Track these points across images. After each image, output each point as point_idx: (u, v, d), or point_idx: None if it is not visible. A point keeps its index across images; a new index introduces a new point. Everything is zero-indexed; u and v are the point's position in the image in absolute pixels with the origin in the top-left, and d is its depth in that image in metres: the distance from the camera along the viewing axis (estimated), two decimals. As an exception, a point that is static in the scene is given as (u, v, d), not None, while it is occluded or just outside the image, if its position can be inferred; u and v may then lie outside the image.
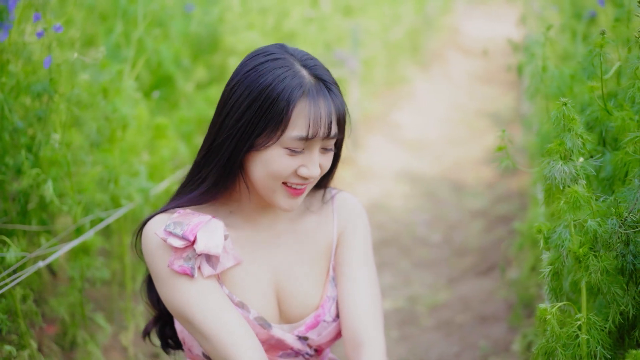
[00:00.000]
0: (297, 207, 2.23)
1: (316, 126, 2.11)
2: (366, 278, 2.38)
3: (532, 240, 3.89)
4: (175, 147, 3.84)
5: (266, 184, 2.16)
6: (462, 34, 17.16)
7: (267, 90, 2.10)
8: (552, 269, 2.29)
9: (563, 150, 2.28)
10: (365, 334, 2.29)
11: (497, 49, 15.11)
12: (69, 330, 3.39)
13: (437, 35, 14.77)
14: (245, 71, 2.16)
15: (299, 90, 2.11)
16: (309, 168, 2.15)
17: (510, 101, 10.46)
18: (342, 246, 2.41)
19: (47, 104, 3.15)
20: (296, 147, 2.12)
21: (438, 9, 14.99)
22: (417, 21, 12.63)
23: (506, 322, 4.27)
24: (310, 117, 2.10)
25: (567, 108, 2.28)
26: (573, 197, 2.22)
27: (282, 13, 6.06)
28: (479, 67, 13.31)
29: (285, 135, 2.10)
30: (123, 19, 4.29)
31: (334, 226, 2.42)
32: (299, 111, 2.10)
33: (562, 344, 2.20)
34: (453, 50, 14.85)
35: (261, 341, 2.26)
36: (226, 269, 2.21)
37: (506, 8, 21.13)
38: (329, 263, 2.41)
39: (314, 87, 2.14)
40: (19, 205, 3.16)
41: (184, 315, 2.14)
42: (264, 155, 2.13)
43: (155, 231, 2.16)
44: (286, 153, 2.12)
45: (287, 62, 2.15)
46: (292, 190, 2.18)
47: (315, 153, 2.16)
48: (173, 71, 4.48)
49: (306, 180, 2.18)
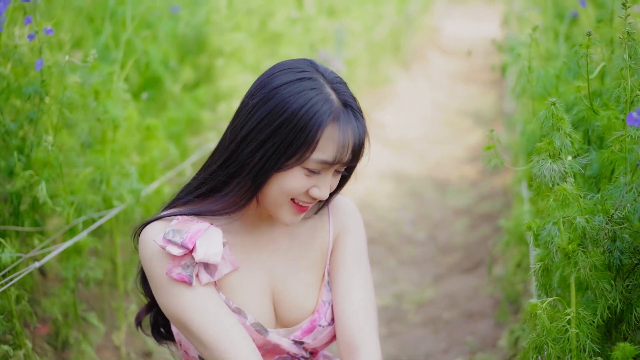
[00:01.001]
0: (297, 222, 2.24)
1: (342, 152, 2.12)
2: (361, 281, 2.39)
3: (518, 237, 3.95)
4: (165, 148, 3.86)
5: (276, 199, 2.17)
6: (442, 33, 17.25)
7: (299, 112, 2.09)
8: (542, 265, 2.34)
9: (552, 148, 2.32)
10: (360, 338, 2.29)
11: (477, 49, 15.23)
12: (61, 330, 3.41)
13: (418, 35, 14.83)
14: (275, 86, 2.14)
15: (329, 115, 2.10)
16: (321, 190, 2.16)
17: (491, 100, 10.53)
18: (336, 249, 2.42)
19: (39, 106, 3.16)
20: (316, 169, 2.13)
21: (418, 9, 15.05)
22: (399, 21, 12.68)
23: (492, 318, 4.32)
24: (338, 143, 2.11)
25: (556, 108, 2.33)
26: (562, 194, 2.27)
27: (268, 14, 6.08)
28: (459, 67, 13.39)
29: (311, 158, 2.11)
30: (111, 21, 4.30)
31: (329, 230, 2.43)
32: (327, 136, 2.11)
33: (552, 338, 2.25)
34: (433, 50, 14.94)
35: (257, 347, 2.27)
36: (223, 275, 2.22)
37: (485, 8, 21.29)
38: (324, 267, 2.42)
39: (343, 113, 2.14)
40: (12, 206, 3.17)
41: (182, 322, 2.15)
42: (283, 174, 2.14)
43: (154, 239, 2.15)
44: (304, 173, 2.13)
45: (318, 84, 2.14)
46: (298, 207, 2.19)
47: (329, 176, 2.17)
48: (161, 72, 4.50)
49: (314, 200, 2.20)
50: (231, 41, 5.10)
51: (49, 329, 3.45)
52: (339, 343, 2.32)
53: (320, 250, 2.41)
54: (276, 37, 6.10)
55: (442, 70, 13.04)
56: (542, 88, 3.18)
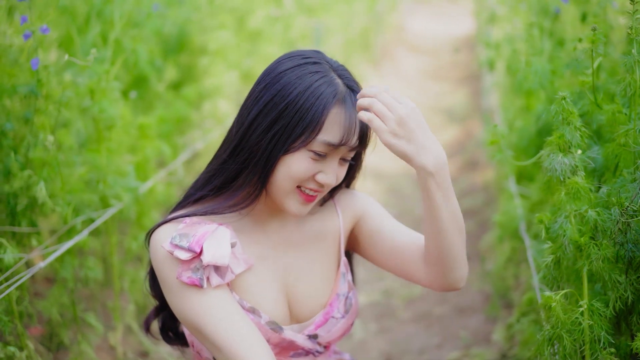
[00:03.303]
0: (305, 213, 2.24)
1: (348, 135, 2.14)
2: (396, 223, 2.42)
3: (510, 232, 3.97)
4: (158, 146, 3.84)
5: (282, 185, 2.17)
6: (408, 31, 17.33)
7: (304, 94, 2.12)
8: (554, 258, 2.36)
9: (562, 142, 2.35)
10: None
11: (443, 46, 15.33)
12: (59, 331, 3.38)
13: (386, 33, 14.89)
14: (281, 70, 2.17)
15: (334, 97, 2.13)
16: (327, 175, 2.17)
17: (463, 97, 10.59)
18: (364, 226, 2.43)
19: (35, 106, 3.14)
20: (322, 151, 2.14)
21: (386, 8, 15.11)
22: (368, 20, 12.73)
23: (483, 313, 4.35)
24: (344, 126, 2.13)
25: (566, 102, 2.35)
26: (574, 188, 2.30)
27: (248, 12, 6.08)
28: (426, 64, 13.46)
29: (316, 139, 2.12)
30: (99, 20, 4.27)
31: (339, 219, 2.44)
32: (332, 117, 2.13)
33: (566, 330, 2.27)
34: (401, 48, 14.99)
35: (273, 345, 2.27)
36: (237, 275, 2.22)
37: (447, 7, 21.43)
38: (338, 258, 2.44)
39: (349, 97, 2.17)
40: (9, 207, 3.14)
41: (195, 326, 2.14)
42: (288, 157, 2.15)
43: (162, 244, 2.15)
44: (310, 156, 2.14)
45: (323, 68, 2.18)
46: (305, 196, 2.19)
47: (336, 161, 2.18)
48: (148, 71, 4.47)
49: (321, 187, 2.20)
50: (216, 39, 5.09)
51: (42, 330, 3.42)
52: (423, 261, 2.29)
53: (332, 241, 2.43)
54: (256, 35, 6.09)
55: (411, 68, 13.09)
56: (537, 83, 3.20)
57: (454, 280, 2.28)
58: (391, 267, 2.40)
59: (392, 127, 2.08)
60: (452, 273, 2.26)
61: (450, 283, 2.28)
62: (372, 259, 2.45)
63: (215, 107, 5.18)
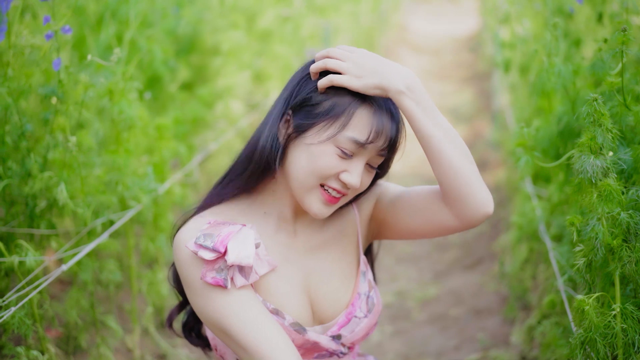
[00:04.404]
0: (326, 215, 2.22)
1: (376, 136, 2.13)
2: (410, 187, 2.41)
3: (529, 233, 3.95)
4: (174, 148, 3.82)
5: (305, 180, 2.16)
6: (410, 31, 17.31)
7: (338, 89, 2.16)
8: (586, 261, 2.34)
9: (594, 144, 2.33)
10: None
11: (445, 46, 15.32)
12: (77, 333, 3.36)
13: (389, 32, 14.88)
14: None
15: (365, 96, 2.15)
16: (352, 175, 2.15)
17: (468, 97, 10.57)
18: (384, 201, 2.41)
19: (54, 107, 3.11)
20: (348, 149, 2.13)
21: (390, 8, 15.11)
22: (373, 19, 12.72)
23: (500, 314, 4.33)
24: (372, 125, 2.13)
25: (598, 103, 2.33)
26: (606, 190, 2.28)
27: (258, 12, 6.06)
28: (429, 64, 13.44)
29: (342, 134, 2.12)
30: (113, 20, 4.25)
31: (355, 216, 2.43)
32: (362, 115, 2.13)
33: (599, 333, 2.25)
34: (403, 48, 14.98)
35: (297, 346, 2.26)
36: (261, 276, 2.20)
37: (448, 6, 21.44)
38: (358, 256, 2.43)
39: (381, 100, 2.17)
40: (28, 209, 3.12)
41: (220, 327, 2.13)
42: (314, 149, 2.14)
43: (186, 244, 2.14)
44: (336, 152, 2.13)
45: None
46: (327, 195, 2.18)
47: (362, 164, 2.17)
48: (162, 72, 4.45)
49: (345, 189, 2.18)
50: (229, 39, 5.07)
51: (59, 333, 3.40)
52: (442, 201, 2.26)
53: (351, 239, 2.42)
54: (266, 35, 6.07)
55: (414, 68, 13.05)
56: (559, 84, 3.17)
57: (480, 205, 2.21)
58: (420, 226, 2.34)
59: (353, 72, 2.13)
60: (473, 198, 2.20)
61: (478, 209, 2.21)
62: (401, 229, 2.40)
63: (228, 107, 5.17)
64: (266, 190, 2.30)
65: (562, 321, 3.05)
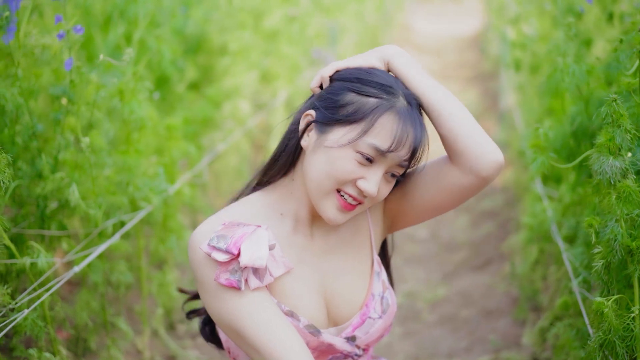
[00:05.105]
0: (341, 222, 2.20)
1: (398, 145, 2.11)
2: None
3: (540, 234, 3.93)
4: (184, 148, 3.80)
5: (321, 183, 2.14)
6: (413, 31, 17.29)
7: (362, 86, 2.16)
8: (604, 263, 2.32)
9: (613, 145, 2.31)
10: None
11: (447, 46, 15.29)
12: (88, 336, 3.35)
13: (392, 32, 14.87)
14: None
15: (390, 104, 2.14)
16: (369, 182, 2.13)
17: (474, 97, 10.53)
18: (393, 193, 2.38)
19: (66, 107, 3.10)
20: (369, 155, 2.11)
21: (394, 7, 15.10)
22: (377, 19, 12.71)
23: (511, 315, 4.31)
24: (395, 133, 2.11)
25: (617, 104, 2.31)
26: (625, 191, 2.26)
27: (265, 12, 6.04)
28: (432, 64, 13.41)
29: (363, 140, 2.10)
30: (122, 19, 4.23)
31: (367, 216, 2.42)
32: (385, 122, 2.11)
33: (619, 336, 2.23)
34: (407, 47, 14.94)
35: (312, 348, 2.25)
36: (275, 278, 2.19)
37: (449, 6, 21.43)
38: (371, 255, 2.41)
39: (406, 110, 2.15)
40: (39, 210, 3.11)
41: (234, 328, 2.12)
42: (333, 152, 2.12)
43: (199, 245, 2.13)
44: (355, 158, 2.11)
45: (391, 80, 2.19)
46: (343, 202, 2.16)
47: (381, 172, 2.15)
48: (171, 72, 4.43)
49: (361, 197, 2.16)
50: (237, 39, 5.05)
51: (68, 334, 3.38)
52: (455, 156, 2.26)
53: (365, 237, 2.41)
54: (273, 35, 6.05)
55: (417, 67, 12.99)
56: (573, 85, 3.14)
57: (488, 152, 2.21)
58: (437, 197, 2.32)
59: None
60: (480, 146, 2.20)
61: (488, 156, 2.21)
62: (420, 209, 2.38)
63: (236, 107, 5.15)
64: (284, 192, 2.29)
65: (576, 323, 3.03)
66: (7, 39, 2.89)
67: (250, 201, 2.30)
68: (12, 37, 2.91)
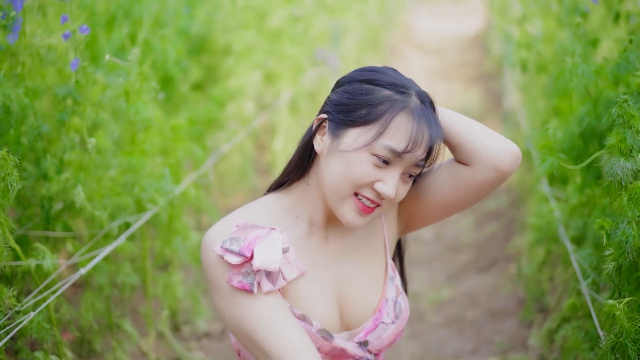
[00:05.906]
0: (360, 225, 2.19)
1: (414, 145, 2.10)
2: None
3: (547, 235, 3.91)
4: (190, 148, 3.78)
5: (338, 188, 2.13)
6: (415, 30, 17.27)
7: (373, 87, 2.15)
8: (615, 265, 2.31)
9: (624, 146, 2.29)
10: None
11: (449, 46, 15.28)
12: (93, 337, 3.33)
13: (394, 32, 14.85)
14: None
15: (403, 104, 2.12)
16: (386, 185, 2.11)
17: (476, 97, 10.51)
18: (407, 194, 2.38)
19: (71, 107, 3.08)
20: (385, 156, 2.09)
21: (395, 7, 15.08)
22: (379, 19, 12.68)
23: (517, 317, 4.29)
24: (409, 134, 2.09)
25: (628, 105, 2.30)
26: (637, 193, 2.24)
27: (268, 12, 6.02)
28: (434, 64, 13.39)
29: (378, 142, 2.08)
30: (126, 19, 4.22)
31: (381, 221, 2.40)
32: (399, 123, 2.09)
33: (631, 338, 2.22)
34: (408, 47, 14.93)
35: (324, 353, 2.24)
36: (289, 281, 2.17)
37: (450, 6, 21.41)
38: (385, 259, 2.39)
39: (420, 109, 2.13)
40: (44, 211, 3.09)
41: (245, 331, 2.10)
42: (349, 156, 2.10)
43: (212, 248, 2.12)
44: (371, 161, 2.09)
45: (403, 80, 2.19)
46: (361, 205, 2.14)
47: (397, 172, 2.13)
48: (175, 72, 4.41)
49: (379, 199, 2.14)
50: (242, 39, 5.03)
51: (72, 336, 3.36)
52: (466, 166, 2.28)
53: (378, 243, 2.39)
54: (276, 35, 6.03)
55: (419, 67, 13.01)
56: (582, 85, 3.13)
57: (504, 146, 2.25)
58: (454, 193, 2.32)
59: None
60: (496, 141, 2.24)
61: (504, 150, 2.24)
62: (437, 205, 2.37)
63: (240, 108, 5.13)
64: (299, 195, 2.27)
65: (585, 325, 3.01)
66: (12, 39, 2.87)
67: (264, 203, 2.28)
68: (16, 37, 2.90)
